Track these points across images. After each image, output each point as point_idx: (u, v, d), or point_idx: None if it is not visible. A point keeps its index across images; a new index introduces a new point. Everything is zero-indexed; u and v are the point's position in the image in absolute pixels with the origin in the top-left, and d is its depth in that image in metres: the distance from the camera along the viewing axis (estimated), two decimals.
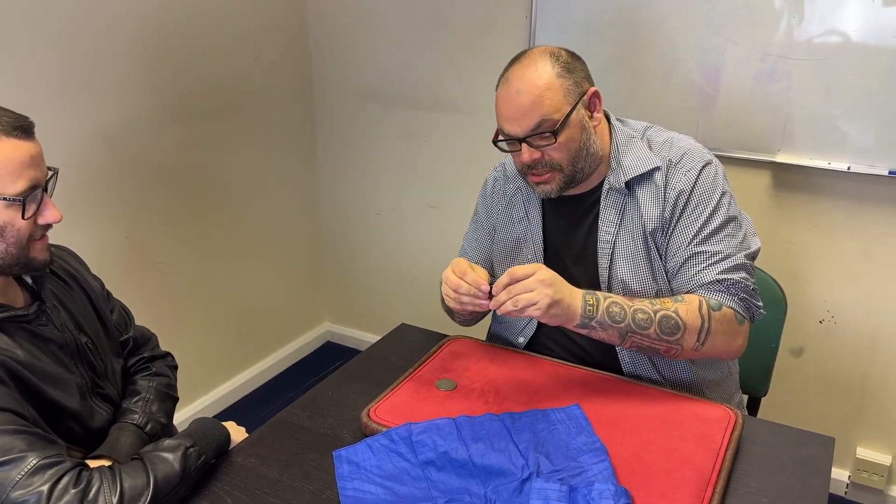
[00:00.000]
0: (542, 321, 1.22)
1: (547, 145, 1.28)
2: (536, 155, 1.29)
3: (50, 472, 0.97)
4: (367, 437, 1.18)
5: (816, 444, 1.21)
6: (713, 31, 1.97)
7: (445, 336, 1.51)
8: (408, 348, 1.50)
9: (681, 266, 1.34)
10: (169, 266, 2.34)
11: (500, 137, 1.33)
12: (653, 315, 1.25)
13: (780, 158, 1.99)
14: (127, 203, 2.17)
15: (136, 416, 1.27)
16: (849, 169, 1.91)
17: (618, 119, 1.43)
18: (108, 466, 1.03)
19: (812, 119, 1.93)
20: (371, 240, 2.89)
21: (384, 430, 1.17)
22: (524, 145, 1.29)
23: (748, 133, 2.01)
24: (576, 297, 1.22)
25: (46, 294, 1.18)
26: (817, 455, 1.18)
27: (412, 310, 2.85)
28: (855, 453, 2.17)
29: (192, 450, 1.09)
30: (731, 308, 1.29)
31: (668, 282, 1.36)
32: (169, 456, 1.06)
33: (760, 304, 1.34)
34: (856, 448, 2.17)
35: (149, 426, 1.26)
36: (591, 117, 1.33)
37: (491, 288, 1.23)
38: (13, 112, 1.06)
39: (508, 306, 1.19)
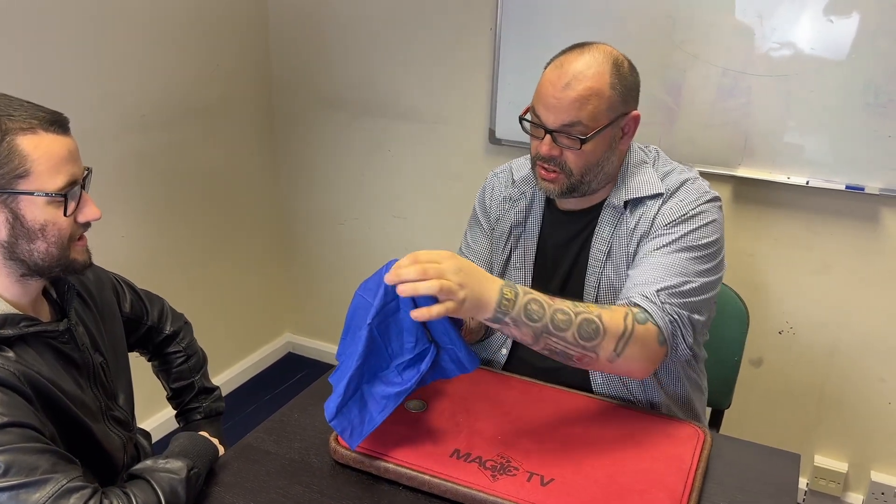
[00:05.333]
0: (450, 313, 1.06)
1: (569, 147, 1.25)
2: (555, 152, 1.26)
3: (74, 496, 0.93)
4: (336, 462, 1.16)
5: (783, 461, 1.22)
6: (675, 48, 1.99)
7: None
8: None
9: (637, 263, 1.30)
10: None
11: (529, 117, 1.28)
12: (573, 317, 1.14)
13: (741, 172, 2.02)
14: None
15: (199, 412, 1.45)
16: (807, 183, 1.95)
17: (638, 144, 1.40)
18: (121, 489, 1.00)
19: (771, 134, 1.96)
20: (334, 250, 2.86)
21: (353, 455, 1.16)
22: (548, 137, 1.25)
23: (709, 147, 2.04)
24: (490, 290, 1.09)
25: (72, 311, 1.15)
26: (784, 471, 1.20)
27: None
28: (813, 461, 2.21)
29: (193, 472, 1.07)
30: (656, 325, 1.21)
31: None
32: (175, 477, 1.04)
33: (689, 340, 1.26)
34: (814, 456, 2.22)
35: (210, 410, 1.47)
36: (621, 138, 1.30)
37: None
38: (47, 108, 1.03)
39: (412, 273, 1.03)
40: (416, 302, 1.09)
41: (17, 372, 0.98)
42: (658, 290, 1.24)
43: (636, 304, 1.23)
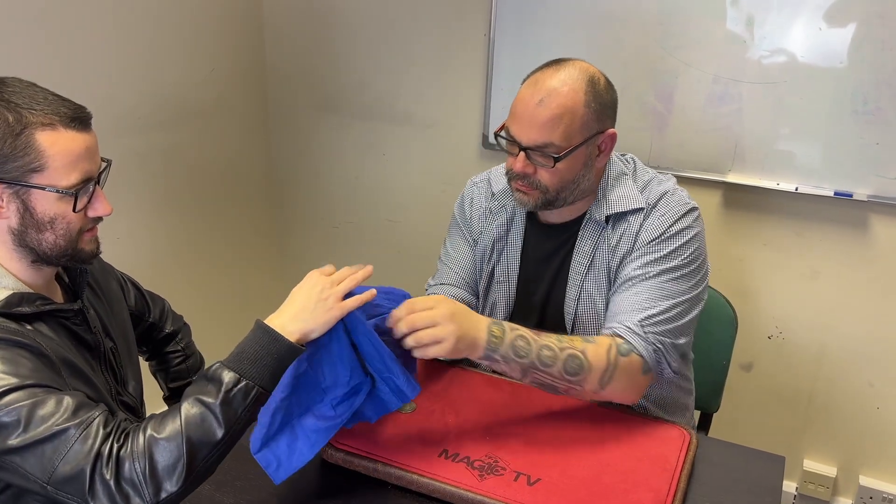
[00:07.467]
0: (444, 354, 1.12)
1: (543, 165, 1.24)
2: (529, 169, 1.25)
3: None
4: (325, 461, 1.17)
5: (767, 463, 1.24)
6: (667, 53, 2.01)
7: None
8: None
9: (621, 287, 1.30)
10: None
11: (504, 134, 1.27)
12: (559, 353, 1.18)
13: (731, 178, 2.04)
14: None
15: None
16: (796, 189, 1.97)
17: (616, 154, 1.38)
18: (141, 435, 0.93)
19: (761, 140, 1.98)
20: (328, 253, 2.87)
21: (344, 455, 1.17)
22: (522, 154, 1.24)
23: (700, 153, 2.06)
24: (480, 329, 1.15)
25: (84, 294, 1.17)
26: (768, 473, 1.21)
27: None
28: (802, 465, 2.23)
29: (238, 388, 0.97)
30: (640, 356, 1.25)
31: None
32: (204, 410, 0.95)
33: (674, 364, 1.30)
34: (803, 460, 2.23)
35: None
36: (597, 155, 1.28)
37: None
38: (71, 102, 1.04)
39: (409, 342, 1.11)
40: (351, 334, 1.09)
41: (44, 343, 1.01)
42: (641, 320, 1.26)
43: (619, 336, 1.25)
